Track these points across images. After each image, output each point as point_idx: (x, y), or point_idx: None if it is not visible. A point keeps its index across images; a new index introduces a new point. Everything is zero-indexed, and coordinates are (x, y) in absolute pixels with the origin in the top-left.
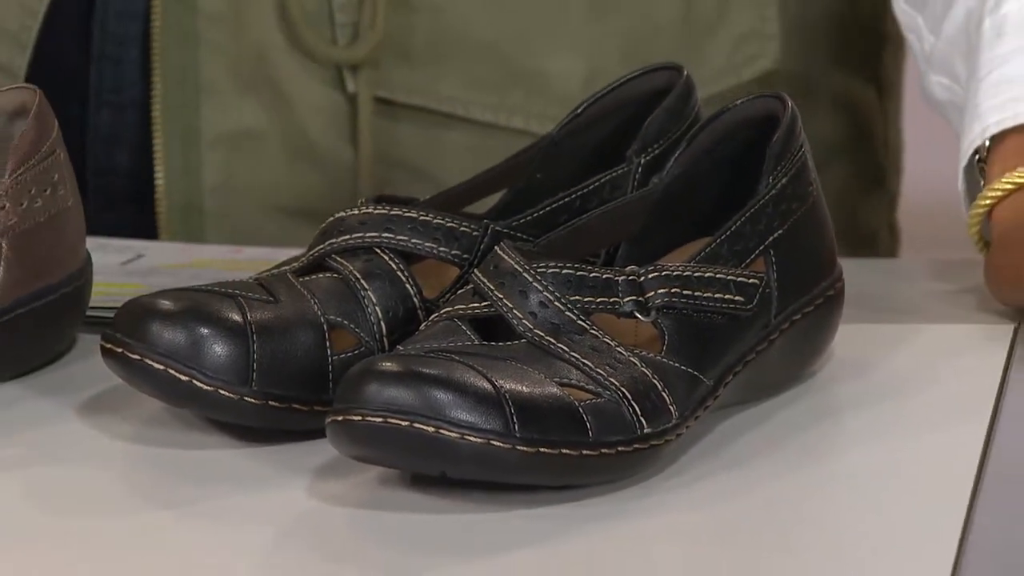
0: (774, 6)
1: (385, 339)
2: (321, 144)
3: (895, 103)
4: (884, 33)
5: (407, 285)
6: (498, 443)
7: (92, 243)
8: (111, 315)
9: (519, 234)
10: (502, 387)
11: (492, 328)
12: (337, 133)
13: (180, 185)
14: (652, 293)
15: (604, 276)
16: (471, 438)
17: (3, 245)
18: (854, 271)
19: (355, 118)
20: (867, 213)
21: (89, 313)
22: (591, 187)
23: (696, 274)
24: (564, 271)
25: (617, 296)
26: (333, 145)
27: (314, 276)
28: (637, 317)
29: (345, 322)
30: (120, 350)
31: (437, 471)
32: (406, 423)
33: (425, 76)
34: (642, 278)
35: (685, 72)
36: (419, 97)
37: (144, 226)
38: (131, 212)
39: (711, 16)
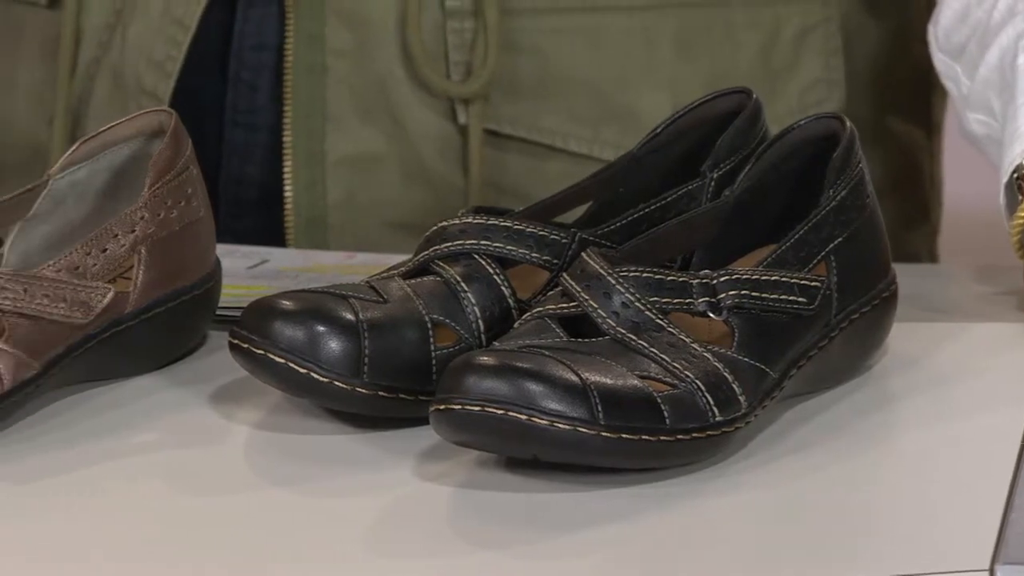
0: (839, 55)
1: (483, 336)
2: (434, 169)
3: (940, 142)
4: (933, 79)
5: (503, 287)
6: (584, 429)
7: (222, 249)
8: (238, 314)
9: (604, 241)
10: (588, 379)
11: (579, 326)
12: (449, 160)
13: (306, 200)
14: (724, 295)
15: (680, 279)
16: (560, 425)
17: (142, 251)
18: (905, 275)
19: (466, 147)
20: (911, 244)
21: (218, 312)
22: (669, 199)
23: (764, 277)
24: (644, 275)
25: (692, 297)
26: (445, 170)
27: (419, 279)
28: (710, 316)
29: (447, 320)
30: (246, 345)
31: (530, 455)
32: (501, 411)
33: (529, 110)
34: (714, 281)
35: (755, 95)
36: (523, 129)
37: (272, 233)
38: (260, 220)
39: (785, 62)
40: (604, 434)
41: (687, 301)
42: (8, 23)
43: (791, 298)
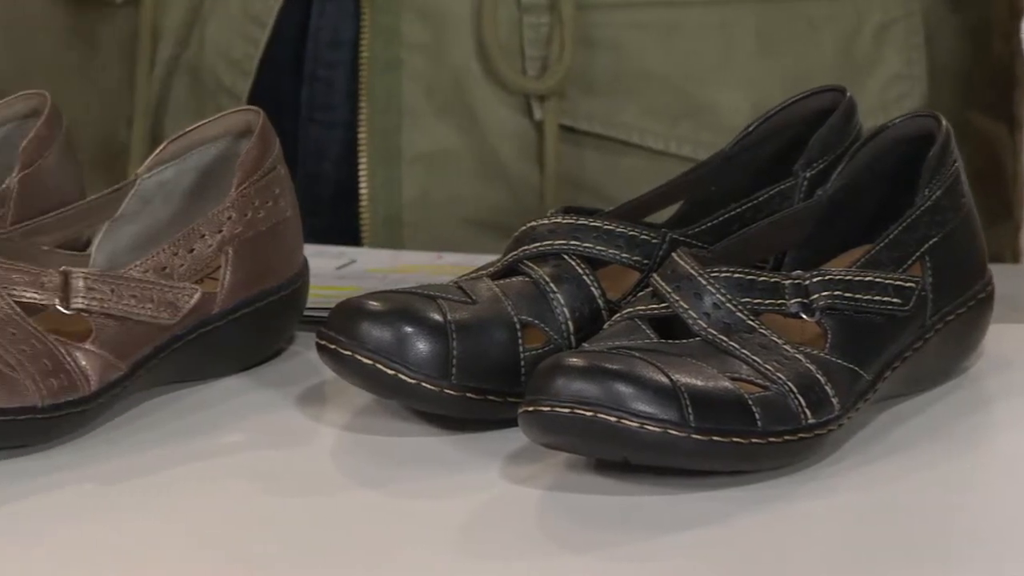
0: (920, 50)
1: (572, 337)
2: (510, 165)
3: (1022, 139)
4: (1016, 75)
5: (592, 288)
6: (675, 432)
7: (310, 250)
8: (325, 315)
9: (695, 241)
10: (678, 381)
11: (669, 327)
12: (525, 156)
13: (382, 198)
14: (816, 295)
15: (772, 280)
16: (650, 427)
17: (229, 252)
18: (1000, 276)
19: (541, 143)
20: (994, 242)
21: (306, 313)
22: (761, 198)
23: (857, 278)
24: (735, 275)
25: (784, 298)
26: (521, 167)
27: (508, 279)
28: (802, 317)
29: (536, 321)
30: (333, 346)
31: (619, 457)
32: (591, 413)
33: (605, 106)
34: (807, 282)
35: (848, 93)
36: (599, 125)
37: (347, 231)
38: (335, 218)
39: (866, 57)
40: (695, 436)
41: (779, 302)
42: (85, 23)
43: (885, 299)
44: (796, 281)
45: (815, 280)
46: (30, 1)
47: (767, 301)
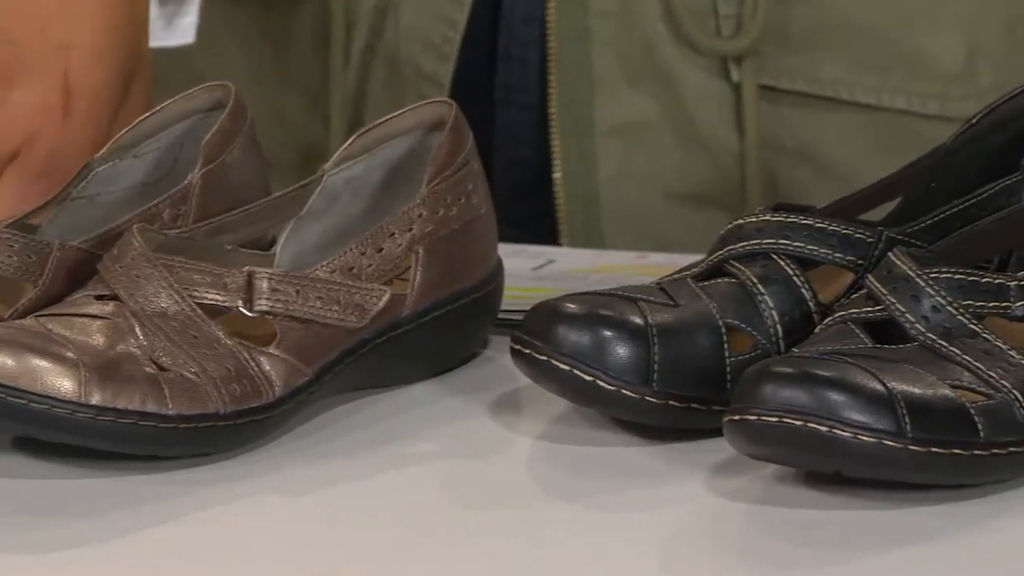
0: None
1: (781, 341)
2: (708, 132)
3: None
4: None
5: (803, 290)
6: (890, 442)
7: (506, 249)
8: (521, 318)
9: (913, 240)
10: (894, 388)
11: (885, 331)
12: (723, 120)
13: (577, 175)
14: None
15: (996, 281)
16: (864, 437)
17: (420, 251)
18: None
19: (740, 105)
20: None
21: (501, 316)
22: (985, 195)
23: None
24: (956, 276)
25: (1009, 301)
26: (720, 132)
27: (713, 281)
28: None
29: (742, 325)
30: (528, 351)
31: (831, 469)
32: (801, 423)
33: (806, 62)
34: None
35: None
36: (802, 82)
37: (543, 215)
38: (533, 203)
39: None
40: (912, 448)
41: (1004, 305)
42: (278, 18)
43: None
44: (1022, 283)
45: None
46: (219, 6)
47: (991, 304)
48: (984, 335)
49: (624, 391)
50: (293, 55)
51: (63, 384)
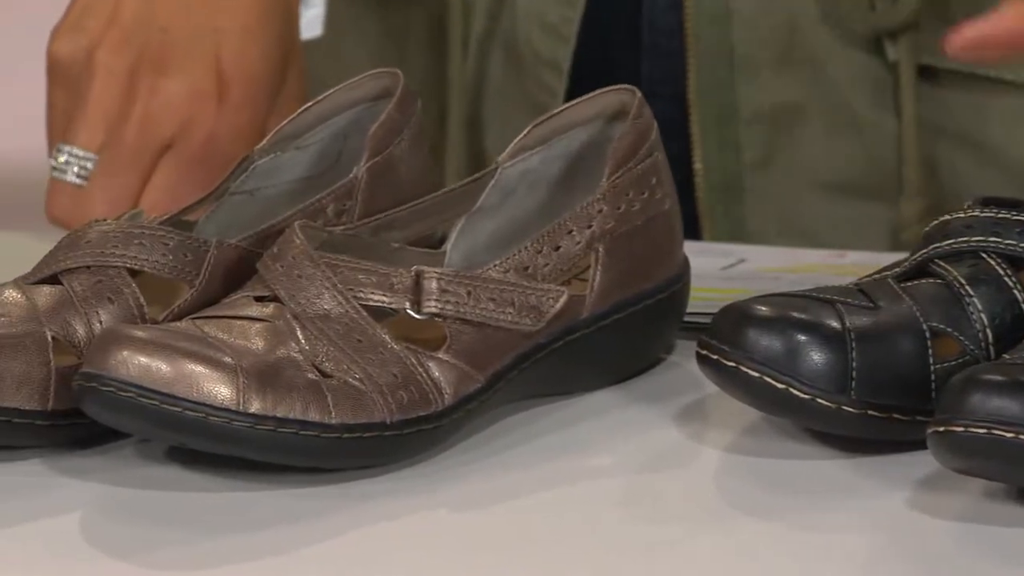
0: None
1: (990, 347)
2: (861, 116)
3: None
4: None
5: (1015, 291)
6: None
7: (693, 247)
8: (708, 321)
9: None
10: None
11: None
12: (878, 103)
13: (718, 165)
14: None
15: None
16: None
17: (600, 249)
18: None
19: (897, 87)
20: None
21: (686, 318)
22: None
23: None
24: None
25: None
26: (874, 116)
27: (916, 281)
28: None
29: (948, 329)
30: (716, 356)
31: None
32: (1011, 435)
33: None
34: None
35: None
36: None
37: (684, 206)
38: (681, 198)
39: None
40: None
41: None
42: (391, 14)
43: None
44: None
45: None
46: (336, 5)
47: None
48: None
49: (819, 400)
50: (410, 50)
51: (220, 391)
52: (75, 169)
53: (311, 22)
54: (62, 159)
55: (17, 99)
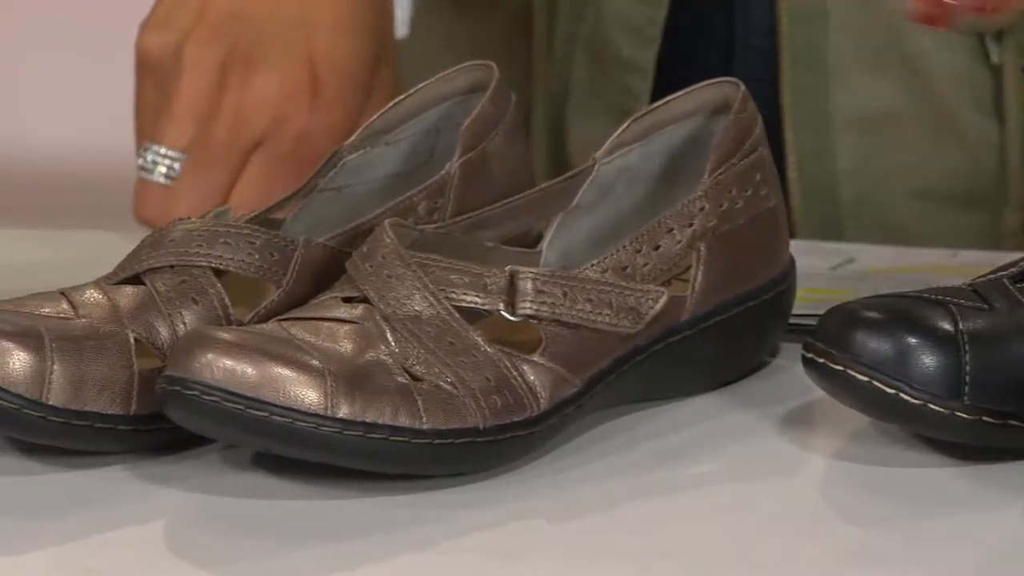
0: None
1: None
2: (963, 121)
3: None
4: None
5: None
6: None
7: (799, 246)
8: (814, 323)
9: None
10: None
11: None
12: (980, 108)
13: (812, 171)
14: None
15: None
16: None
17: (702, 248)
18: None
19: (1000, 91)
20: None
21: (792, 320)
22: None
23: None
24: None
25: None
26: (977, 121)
27: None
28: None
29: None
30: (822, 360)
31: None
32: None
33: None
34: None
35: None
36: None
37: None
38: None
39: None
40: None
41: None
42: (478, 18)
43: None
44: None
45: None
46: (419, 7)
47: None
48: None
49: (931, 405)
50: (492, 54)
51: (307, 395)
52: (162, 169)
53: (397, 23)
54: (149, 158)
55: (108, 97)
